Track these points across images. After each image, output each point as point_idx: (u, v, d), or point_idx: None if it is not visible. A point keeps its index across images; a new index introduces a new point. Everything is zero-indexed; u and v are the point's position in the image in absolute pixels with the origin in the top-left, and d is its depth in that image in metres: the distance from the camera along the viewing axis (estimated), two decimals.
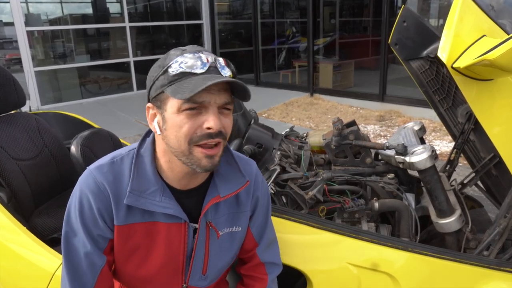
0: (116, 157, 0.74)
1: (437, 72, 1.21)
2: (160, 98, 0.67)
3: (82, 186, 0.72)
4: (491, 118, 1.05)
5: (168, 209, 0.72)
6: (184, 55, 0.66)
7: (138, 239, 0.75)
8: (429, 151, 1.05)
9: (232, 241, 0.82)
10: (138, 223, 0.73)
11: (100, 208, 0.71)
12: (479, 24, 1.03)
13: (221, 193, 0.76)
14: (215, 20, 7.11)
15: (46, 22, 6.15)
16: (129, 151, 0.75)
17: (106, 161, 0.74)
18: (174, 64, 0.65)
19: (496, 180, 1.20)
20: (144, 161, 0.72)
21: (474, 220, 1.13)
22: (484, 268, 0.95)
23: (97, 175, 0.72)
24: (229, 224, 0.81)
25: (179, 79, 0.65)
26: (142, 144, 0.75)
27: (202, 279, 0.81)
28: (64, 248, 0.74)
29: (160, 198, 0.72)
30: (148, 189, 0.71)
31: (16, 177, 1.35)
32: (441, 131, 3.80)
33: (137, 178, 0.71)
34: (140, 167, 0.72)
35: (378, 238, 0.99)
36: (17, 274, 1.14)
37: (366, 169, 1.23)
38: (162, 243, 0.75)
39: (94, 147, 1.39)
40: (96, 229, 0.72)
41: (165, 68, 0.66)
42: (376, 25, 5.44)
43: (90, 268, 0.73)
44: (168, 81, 0.65)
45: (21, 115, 1.51)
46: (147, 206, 0.71)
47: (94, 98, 6.09)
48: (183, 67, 0.65)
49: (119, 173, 0.72)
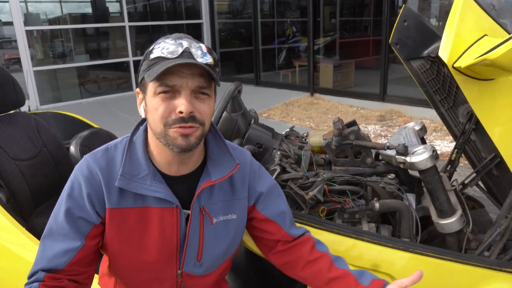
0: (110, 144, 0.78)
1: (438, 72, 1.21)
2: (143, 83, 0.72)
3: (76, 171, 0.76)
4: (492, 118, 1.05)
5: (159, 193, 0.73)
6: (166, 41, 0.70)
7: (131, 225, 0.76)
8: (430, 151, 1.04)
9: (227, 228, 0.83)
10: (130, 207, 0.75)
11: (90, 192, 0.74)
12: (480, 23, 1.02)
13: (213, 177, 0.78)
14: (215, 20, 7.11)
15: (45, 22, 6.14)
16: (123, 139, 0.79)
17: (100, 148, 0.78)
18: (155, 50, 0.69)
19: (497, 180, 1.20)
20: (136, 147, 0.76)
21: (475, 220, 1.12)
22: (485, 269, 0.95)
23: (91, 161, 0.75)
24: (224, 211, 0.82)
25: (155, 64, 0.68)
26: (135, 132, 0.79)
27: (197, 266, 0.82)
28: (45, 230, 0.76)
29: (151, 182, 0.73)
30: (139, 173, 0.74)
31: (15, 177, 1.35)
32: (442, 131, 3.80)
33: (128, 163, 0.74)
34: (132, 153, 0.75)
35: (379, 238, 0.99)
36: (16, 274, 1.14)
37: (366, 169, 1.23)
38: (155, 228, 0.76)
39: (94, 147, 1.36)
40: (82, 212, 0.74)
41: (147, 54, 0.71)
42: (377, 24, 5.44)
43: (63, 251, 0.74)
44: (147, 66, 0.70)
45: (20, 115, 1.51)
46: (137, 190, 0.73)
47: (93, 98, 6.09)
48: (162, 52, 0.68)
49: (112, 158, 0.76)
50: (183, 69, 0.67)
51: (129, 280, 0.83)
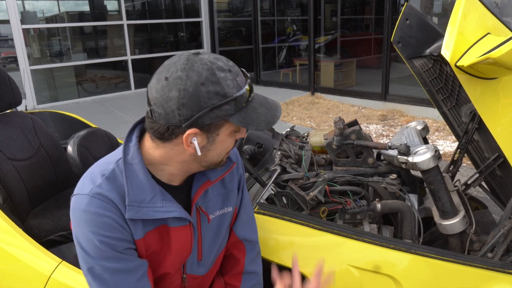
0: (106, 172, 0.70)
1: (441, 71, 1.20)
2: (215, 125, 0.67)
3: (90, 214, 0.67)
4: (496, 118, 1.04)
5: (173, 212, 0.71)
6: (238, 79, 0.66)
7: (154, 246, 0.74)
8: (432, 151, 1.04)
9: (223, 222, 0.84)
10: (151, 230, 0.73)
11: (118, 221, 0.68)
12: (483, 21, 1.01)
13: (211, 177, 0.77)
14: (214, 18, 7.08)
15: (42, 20, 6.10)
16: (117, 162, 0.71)
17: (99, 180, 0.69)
18: (239, 95, 0.66)
19: (501, 180, 1.19)
20: (135, 169, 0.70)
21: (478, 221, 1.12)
22: (489, 271, 0.94)
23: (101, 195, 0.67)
24: (219, 206, 0.82)
25: (243, 109, 0.67)
26: (126, 151, 0.71)
27: (199, 265, 0.83)
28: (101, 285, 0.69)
29: (161, 203, 0.70)
30: (145, 198, 0.69)
31: (12, 178, 1.33)
32: (445, 131, 3.78)
33: (132, 189, 0.69)
34: (132, 177, 0.69)
35: (380, 239, 0.98)
36: (13, 276, 1.12)
37: (368, 169, 1.22)
38: (174, 246, 0.76)
39: (91, 147, 1.38)
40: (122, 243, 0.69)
41: (231, 99, 0.65)
42: (379, 23, 5.43)
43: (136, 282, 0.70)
44: (234, 111, 0.66)
45: (17, 114, 1.49)
46: (150, 215, 0.69)
47: (91, 97, 6.06)
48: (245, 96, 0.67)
49: (119, 187, 0.69)
50: None
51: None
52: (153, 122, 0.67)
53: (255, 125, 0.67)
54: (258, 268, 0.92)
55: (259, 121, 0.67)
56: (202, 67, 0.64)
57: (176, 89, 0.63)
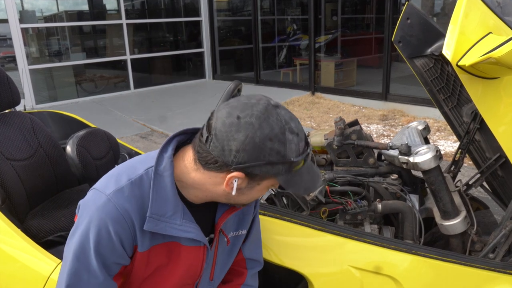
0: (133, 177, 0.69)
1: (442, 70, 1.20)
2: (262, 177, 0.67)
3: (102, 215, 0.66)
4: (497, 117, 1.04)
5: (190, 233, 0.71)
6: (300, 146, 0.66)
7: (159, 260, 0.73)
8: (433, 151, 1.04)
9: (236, 243, 0.84)
10: (159, 244, 0.72)
11: (121, 237, 0.67)
12: (485, 21, 1.01)
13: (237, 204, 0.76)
14: (214, 17, 7.07)
15: (41, 19, 6.08)
16: (147, 169, 0.70)
17: (123, 183, 0.68)
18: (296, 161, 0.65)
19: (502, 181, 1.19)
20: (165, 181, 0.69)
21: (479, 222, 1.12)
22: (490, 271, 0.94)
23: (119, 201, 0.67)
24: (235, 228, 0.82)
25: (291, 172, 0.67)
26: (159, 162, 0.70)
27: (210, 284, 0.83)
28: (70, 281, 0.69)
29: (180, 221, 0.70)
30: (167, 212, 0.69)
31: (10, 178, 1.33)
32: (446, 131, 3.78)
33: (156, 201, 0.68)
34: (159, 189, 0.68)
35: (381, 240, 0.98)
36: (12, 277, 1.12)
37: (369, 169, 1.22)
38: (181, 264, 0.75)
39: (90, 147, 1.37)
40: (113, 257, 0.69)
41: (287, 161, 0.65)
42: (379, 22, 5.41)
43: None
44: (285, 172, 0.66)
45: (15, 114, 1.48)
46: (167, 231, 0.69)
47: (90, 97, 6.04)
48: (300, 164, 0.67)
49: (141, 196, 0.68)
50: None
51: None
52: (204, 148, 0.66)
53: (295, 189, 0.68)
54: (255, 283, 0.93)
55: (300, 187, 0.68)
56: (276, 123, 0.63)
57: (244, 134, 0.62)
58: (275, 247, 1.00)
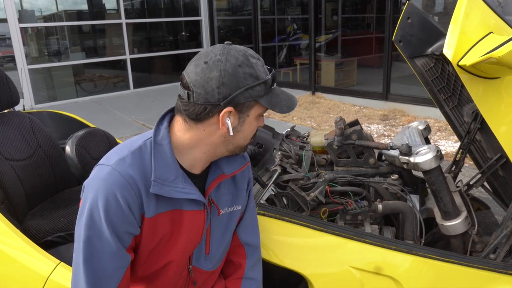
0: (133, 148, 0.74)
1: (443, 70, 1.19)
2: (248, 105, 0.73)
3: (107, 183, 0.70)
4: (498, 117, 1.04)
5: (192, 195, 0.74)
6: (258, 62, 0.73)
7: (165, 229, 0.76)
8: (434, 151, 1.03)
9: (231, 219, 0.87)
10: (164, 212, 0.75)
11: (129, 202, 0.70)
12: (485, 20, 1.00)
13: (226, 171, 0.81)
14: (214, 17, 7.06)
15: (40, 19, 6.07)
16: (145, 141, 0.75)
17: (125, 153, 0.72)
18: (268, 79, 0.73)
19: (503, 181, 1.18)
20: (164, 149, 0.73)
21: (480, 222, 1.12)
22: (491, 272, 0.94)
23: (123, 169, 0.70)
24: (229, 203, 0.85)
25: (269, 92, 0.74)
26: (157, 132, 0.75)
27: (207, 260, 0.84)
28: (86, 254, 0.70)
29: (183, 185, 0.73)
30: (169, 177, 0.73)
31: (9, 178, 1.32)
32: (447, 131, 3.77)
33: (159, 167, 0.72)
34: (160, 156, 0.73)
35: (382, 241, 0.98)
36: (11, 278, 1.11)
37: (369, 170, 1.22)
38: (184, 232, 0.77)
39: (90, 147, 1.36)
40: (124, 226, 0.71)
41: (262, 81, 0.72)
42: (380, 21, 5.39)
43: (115, 270, 0.72)
44: (264, 93, 0.73)
45: (15, 114, 1.48)
46: (171, 194, 0.72)
47: (89, 97, 6.03)
48: (271, 82, 0.74)
49: (142, 163, 0.72)
50: None
51: (150, 282, 0.83)
52: (189, 103, 0.72)
53: (279, 108, 0.73)
54: (258, 274, 0.93)
55: (282, 105, 0.74)
56: (237, 53, 0.71)
57: (217, 70, 0.69)
58: (275, 247, 1.00)
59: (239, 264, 0.91)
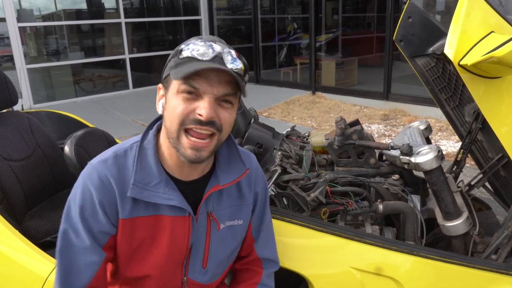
0: (119, 151, 0.74)
1: (444, 70, 1.19)
2: (168, 79, 0.70)
3: (85, 181, 0.72)
4: (500, 117, 1.03)
5: (172, 201, 0.72)
6: (196, 42, 0.68)
7: (143, 233, 0.75)
8: (435, 152, 1.03)
9: (233, 234, 0.83)
10: (142, 216, 0.74)
11: (103, 202, 0.71)
12: (487, 19, 1.00)
13: (221, 181, 0.77)
14: (213, 16, 7.05)
15: (39, 18, 6.06)
16: (132, 144, 0.75)
17: (109, 154, 0.74)
18: (185, 49, 0.68)
19: (505, 181, 1.18)
20: (147, 153, 0.73)
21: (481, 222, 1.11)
22: (492, 273, 0.94)
23: (101, 169, 0.72)
24: (230, 216, 0.82)
25: (184, 63, 0.67)
26: (145, 137, 0.75)
27: (202, 273, 0.82)
28: (61, 245, 0.73)
29: (164, 190, 0.72)
30: (151, 181, 0.72)
31: (8, 179, 1.32)
32: (448, 131, 3.76)
33: (140, 171, 0.72)
34: (143, 160, 0.73)
35: (383, 241, 0.98)
36: (9, 278, 1.11)
37: (370, 170, 1.22)
38: (166, 237, 0.75)
39: (89, 147, 1.36)
40: (97, 224, 0.72)
41: (176, 52, 0.69)
42: (381, 21, 5.39)
43: (87, 265, 0.73)
44: (175, 64, 0.68)
45: (13, 114, 1.47)
46: (150, 198, 0.71)
47: (88, 97, 6.02)
48: (192, 53, 0.67)
49: (123, 166, 0.73)
50: (211, 74, 0.66)
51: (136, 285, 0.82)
52: None
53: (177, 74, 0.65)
54: (272, 283, 0.92)
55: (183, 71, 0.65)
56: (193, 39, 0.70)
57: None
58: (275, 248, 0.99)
59: (257, 272, 0.90)
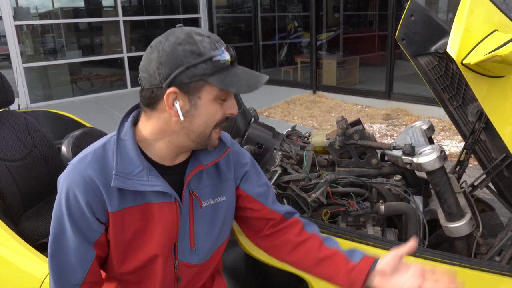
0: (97, 146, 0.75)
1: (446, 69, 1.18)
2: (195, 85, 0.69)
3: (68, 182, 0.72)
4: (503, 117, 1.03)
5: (157, 187, 0.73)
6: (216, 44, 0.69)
7: (134, 224, 0.76)
8: (438, 152, 1.02)
9: (217, 212, 0.83)
10: (131, 207, 0.74)
11: (89, 202, 0.72)
12: (490, 18, 0.99)
13: (204, 161, 0.79)
14: (213, 14, 7.03)
15: (36, 16, 6.02)
16: (110, 138, 0.76)
17: (88, 152, 0.75)
18: (216, 55, 0.68)
19: (509, 181, 1.17)
20: (126, 144, 0.74)
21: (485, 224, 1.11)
22: (496, 275, 0.93)
23: (81, 166, 0.72)
24: (213, 195, 0.83)
25: (222, 71, 0.69)
26: (121, 129, 0.76)
27: (193, 253, 0.82)
28: (53, 248, 0.74)
29: (147, 177, 0.73)
30: (133, 170, 0.73)
31: (4, 179, 1.31)
32: (451, 131, 3.76)
33: (121, 162, 0.72)
34: (122, 151, 0.73)
35: (384, 243, 0.97)
36: (6, 281, 1.10)
37: (371, 170, 1.21)
38: (157, 224, 0.76)
39: (86, 147, 1.34)
40: (84, 222, 0.73)
41: (207, 58, 0.68)
42: (382, 19, 5.38)
43: (80, 263, 0.74)
44: (212, 71, 0.68)
45: (10, 113, 1.46)
46: (135, 187, 0.72)
47: (86, 96, 6.00)
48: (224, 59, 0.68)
49: (104, 159, 0.73)
50: None
51: (132, 279, 0.82)
52: (141, 90, 0.72)
53: (235, 87, 0.69)
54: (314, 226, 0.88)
55: (241, 84, 0.69)
56: (181, 32, 0.69)
57: (156, 51, 0.68)
58: None
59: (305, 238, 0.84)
